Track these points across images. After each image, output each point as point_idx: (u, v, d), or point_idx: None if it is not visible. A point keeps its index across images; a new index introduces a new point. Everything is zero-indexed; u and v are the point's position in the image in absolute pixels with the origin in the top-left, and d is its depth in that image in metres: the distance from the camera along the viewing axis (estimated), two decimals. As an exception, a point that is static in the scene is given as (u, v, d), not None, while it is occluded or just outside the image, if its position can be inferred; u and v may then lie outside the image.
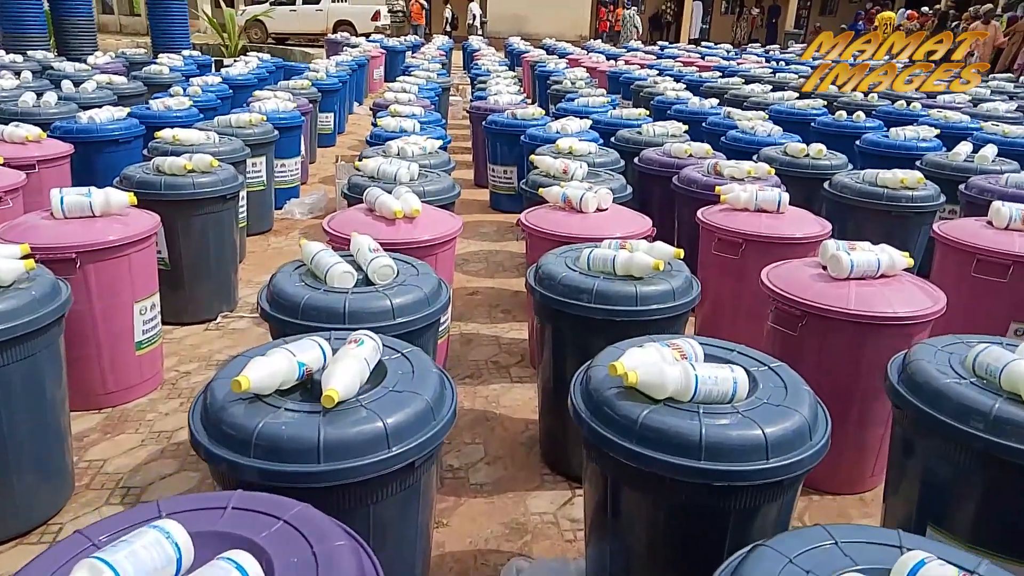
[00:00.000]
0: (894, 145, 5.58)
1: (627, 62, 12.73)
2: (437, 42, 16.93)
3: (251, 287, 4.56)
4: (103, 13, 30.47)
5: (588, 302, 2.49)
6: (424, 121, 5.93)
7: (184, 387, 3.39)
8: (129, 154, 5.04)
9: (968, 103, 8.32)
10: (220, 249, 4.04)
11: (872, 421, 2.67)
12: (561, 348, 2.72)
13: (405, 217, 3.15)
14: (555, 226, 3.33)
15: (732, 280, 3.49)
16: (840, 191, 4.28)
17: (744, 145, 5.59)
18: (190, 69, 9.65)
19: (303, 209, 6.13)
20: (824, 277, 2.67)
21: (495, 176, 6.49)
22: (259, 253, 5.23)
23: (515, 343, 3.97)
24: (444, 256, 3.27)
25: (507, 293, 4.68)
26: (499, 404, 3.33)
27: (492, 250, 5.51)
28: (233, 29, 15.69)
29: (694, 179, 4.26)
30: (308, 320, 2.26)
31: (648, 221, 3.48)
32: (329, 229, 3.17)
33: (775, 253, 3.38)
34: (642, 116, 6.37)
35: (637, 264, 2.53)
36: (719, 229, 3.47)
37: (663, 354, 1.83)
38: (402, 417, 1.67)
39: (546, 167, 4.18)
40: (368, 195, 3.28)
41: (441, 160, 4.60)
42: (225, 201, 3.93)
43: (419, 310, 2.36)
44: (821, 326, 2.57)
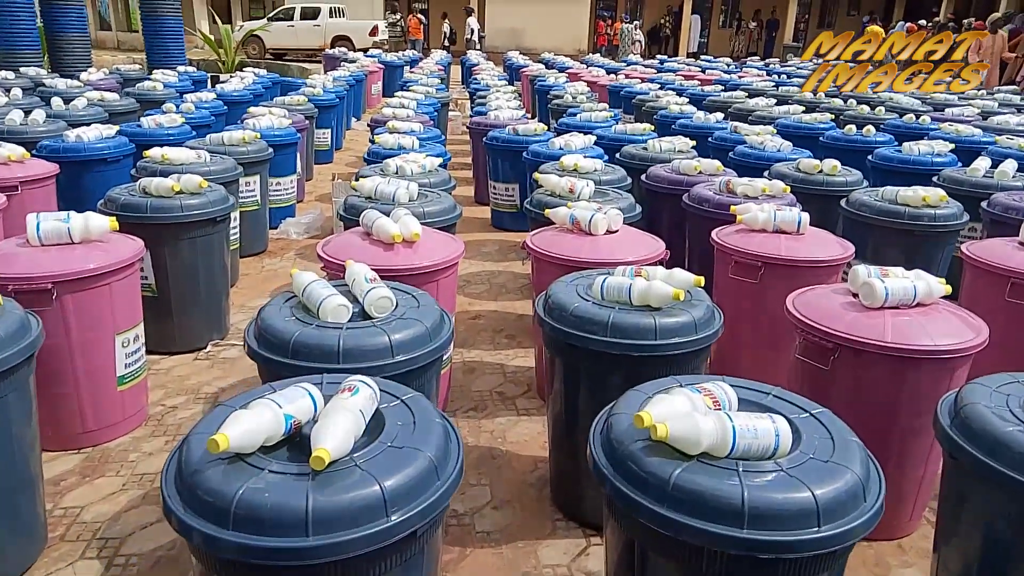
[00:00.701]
0: (908, 160, 5.40)
1: (627, 76, 12.60)
2: (435, 57, 16.81)
3: (244, 312, 4.37)
4: (101, 30, 30.54)
5: (603, 335, 2.30)
6: (423, 137, 5.76)
7: (170, 423, 3.19)
8: (118, 174, 4.85)
9: (977, 116, 8.16)
10: (210, 274, 3.84)
11: (910, 462, 2.47)
12: (573, 383, 2.52)
13: (404, 242, 2.97)
14: (563, 250, 3.13)
15: (750, 306, 3.30)
16: (858, 209, 4.10)
17: (753, 161, 5.42)
18: (185, 85, 9.51)
19: (299, 229, 5.95)
20: (856, 306, 2.47)
21: (496, 194, 6.31)
22: (253, 276, 5.04)
23: (520, 371, 3.77)
24: (446, 283, 3.08)
25: (511, 317, 4.49)
26: (505, 440, 3.13)
27: (494, 271, 5.32)
28: (229, 45, 15.58)
29: (706, 197, 4.08)
30: (299, 359, 2.06)
31: (661, 244, 3.29)
32: (324, 254, 2.98)
33: (796, 277, 3.20)
34: (647, 131, 6.20)
35: (655, 294, 2.34)
36: (736, 251, 3.28)
37: (694, 402, 1.63)
38: (402, 479, 1.47)
39: (551, 186, 4.00)
40: (365, 218, 3.09)
41: (441, 178, 4.43)
42: (215, 224, 3.75)
43: (420, 347, 2.17)
44: (855, 360, 2.38)
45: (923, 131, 6.96)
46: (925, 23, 19.90)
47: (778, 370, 3.41)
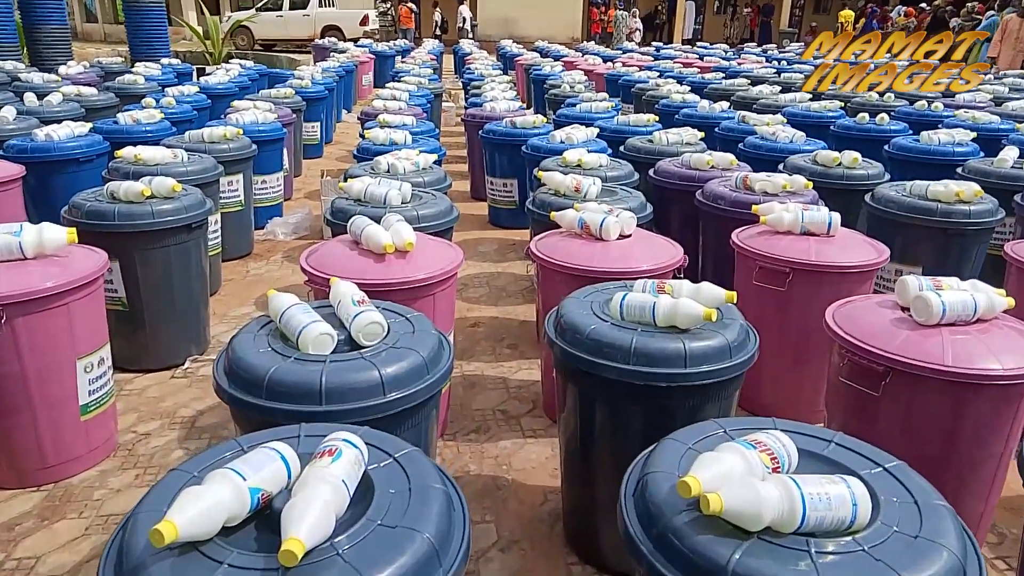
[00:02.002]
0: (928, 151, 5.12)
1: (624, 64, 12.27)
2: (427, 46, 16.44)
3: (226, 323, 4.08)
4: (87, 22, 30.00)
5: (625, 362, 2.01)
6: (416, 131, 5.45)
7: (142, 453, 2.89)
8: (91, 175, 4.52)
9: (990, 102, 7.88)
10: (186, 284, 3.54)
11: (970, 497, 2.20)
12: (588, 413, 2.24)
13: (396, 251, 2.68)
14: (573, 258, 2.84)
15: (776, 315, 3.02)
16: (885, 206, 3.81)
17: (765, 153, 5.13)
18: (168, 78, 9.14)
19: (286, 229, 5.64)
20: (908, 323, 2.19)
21: (494, 190, 6.01)
22: (236, 281, 4.73)
23: (525, 386, 3.48)
24: (444, 296, 2.79)
25: (513, 324, 4.20)
26: (511, 467, 2.85)
27: (493, 272, 5.03)
28: (217, 36, 15.17)
29: (721, 195, 3.79)
30: (274, 399, 1.77)
31: (678, 249, 3.00)
32: (308, 267, 2.69)
33: (827, 284, 2.93)
34: (651, 122, 5.90)
35: (684, 314, 2.05)
36: (761, 256, 3.00)
37: (749, 461, 1.35)
38: (395, 571, 1.19)
39: (555, 184, 3.70)
40: (353, 226, 2.79)
41: (436, 177, 4.13)
42: (191, 230, 3.44)
43: (416, 381, 1.88)
44: (909, 385, 2.10)
45: (937, 118, 6.68)
46: (926, 6, 19.60)
47: (803, 385, 3.16)
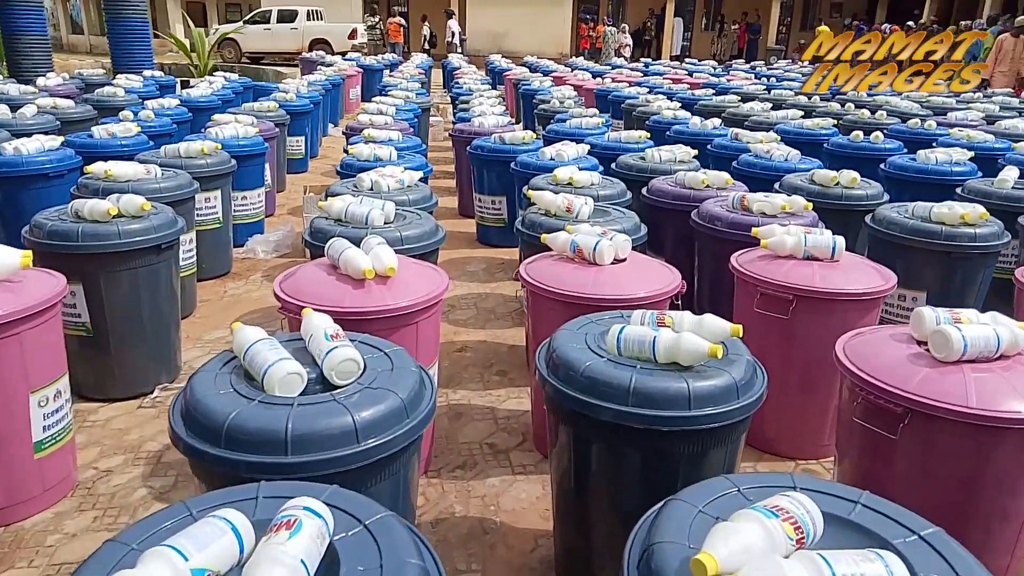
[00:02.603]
0: (925, 170, 5.02)
1: (614, 80, 12.20)
2: (416, 60, 16.34)
3: (200, 348, 3.88)
4: (73, 33, 29.77)
5: (623, 404, 1.84)
6: (402, 147, 5.30)
7: (103, 493, 2.69)
8: (62, 191, 4.32)
9: (982, 120, 7.81)
10: (156, 308, 3.35)
11: (994, 549, 2.03)
12: (583, 456, 2.07)
13: (377, 276, 2.51)
14: (565, 283, 2.68)
15: (779, 344, 2.86)
16: (887, 228, 3.68)
17: (759, 172, 5.01)
18: (149, 91, 8.96)
19: (267, 247, 5.45)
20: (926, 359, 2.04)
21: (482, 207, 5.85)
22: (213, 302, 4.54)
23: (514, 416, 3.31)
24: (427, 324, 2.61)
25: (501, 349, 4.03)
26: (499, 507, 2.67)
27: (481, 293, 4.86)
28: (202, 48, 14.99)
29: (718, 215, 3.64)
30: (234, 449, 1.59)
31: (676, 275, 2.84)
32: (282, 293, 2.51)
33: (832, 311, 2.79)
34: (643, 139, 5.77)
35: (687, 350, 1.89)
36: (763, 282, 2.84)
37: (772, 534, 1.18)
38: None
39: (546, 204, 3.54)
40: (331, 249, 2.62)
41: (422, 195, 3.96)
42: (160, 251, 3.25)
43: (395, 426, 1.70)
44: (929, 427, 1.94)
45: (931, 136, 6.60)
46: (913, 25, 19.72)
47: (808, 417, 3.00)
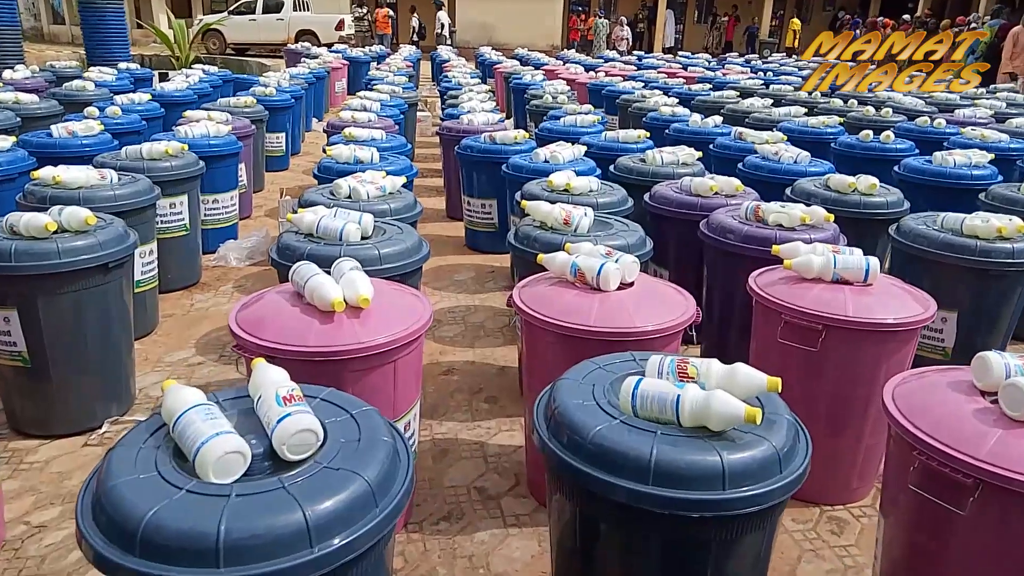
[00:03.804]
0: (944, 174, 4.71)
1: (607, 74, 11.85)
2: (404, 52, 15.92)
3: (159, 371, 3.53)
4: (54, 23, 29.10)
5: (642, 482, 1.51)
6: (385, 147, 4.94)
7: (32, 555, 2.33)
8: (11, 197, 3.96)
9: (991, 118, 7.52)
10: (104, 332, 2.99)
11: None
12: (590, 537, 1.72)
13: (349, 307, 2.16)
14: (565, 314, 2.34)
15: (805, 379, 2.54)
16: (914, 242, 3.36)
17: (767, 175, 4.69)
18: (123, 84, 8.55)
19: (240, 254, 5.08)
20: (995, 416, 1.71)
21: (471, 211, 5.49)
22: (177, 317, 4.17)
23: (506, 453, 2.97)
24: (407, 361, 2.27)
25: (491, 371, 3.68)
26: (489, 569, 2.33)
27: (470, 305, 4.51)
28: (183, 39, 14.52)
29: (730, 228, 3.31)
30: (151, 558, 1.24)
31: (690, 301, 2.50)
32: (238, 328, 2.16)
33: (869, 343, 2.47)
34: (642, 139, 5.43)
35: (718, 413, 1.56)
36: (789, 309, 2.51)
37: None
38: None
39: (541, 216, 3.19)
40: (296, 275, 2.27)
41: (404, 203, 3.61)
42: (108, 271, 2.89)
43: (359, 520, 1.35)
44: (1005, 503, 1.62)
45: (942, 136, 6.30)
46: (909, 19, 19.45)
47: (837, 461, 2.67)
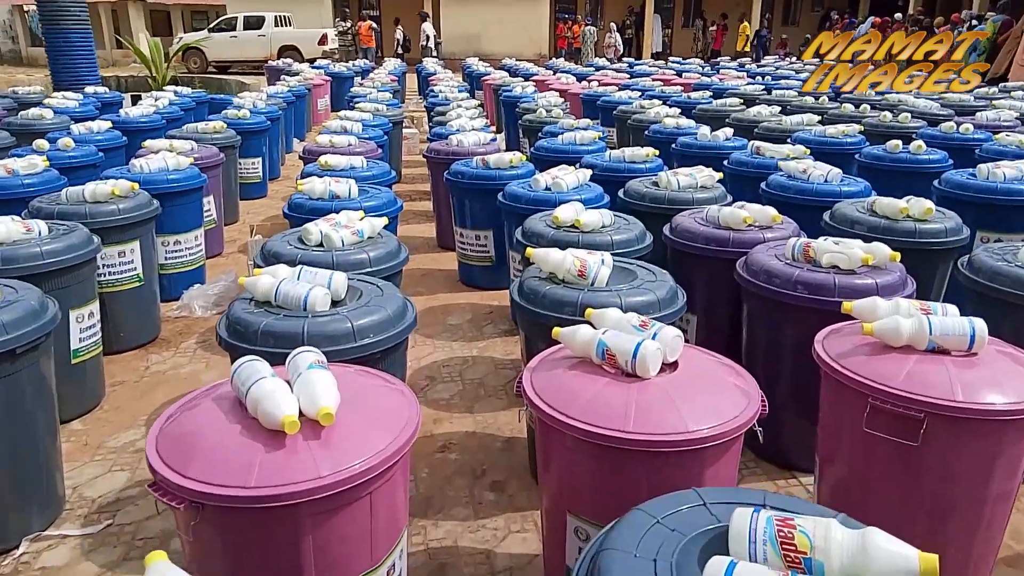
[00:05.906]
0: (995, 189, 4.17)
1: (600, 83, 11.34)
2: (389, 66, 15.41)
3: (99, 461, 2.95)
4: (32, 45, 28.51)
5: None
6: (366, 177, 4.41)
7: None
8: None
9: (1016, 120, 7.01)
10: (17, 430, 2.41)
11: None
12: None
13: (308, 424, 1.61)
14: (593, 414, 1.77)
15: (898, 478, 1.99)
16: (990, 280, 2.82)
17: (797, 197, 4.16)
18: (87, 110, 7.97)
19: (206, 302, 4.50)
20: None
21: (464, 243, 4.94)
22: (128, 385, 3.59)
23: (519, 567, 2.40)
24: (388, 490, 1.71)
25: (495, 445, 3.12)
26: None
27: (467, 357, 3.94)
28: (160, 59, 13.95)
29: (775, 272, 2.78)
30: None
31: (752, 385, 1.95)
32: (158, 462, 1.59)
33: (983, 435, 1.92)
34: (651, 157, 4.90)
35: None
36: (879, 390, 1.96)
37: None
38: None
39: (551, 267, 2.64)
40: (237, 378, 1.71)
41: (386, 251, 3.04)
42: (16, 357, 2.33)
43: None
44: None
45: (972, 143, 5.78)
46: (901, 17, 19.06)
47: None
